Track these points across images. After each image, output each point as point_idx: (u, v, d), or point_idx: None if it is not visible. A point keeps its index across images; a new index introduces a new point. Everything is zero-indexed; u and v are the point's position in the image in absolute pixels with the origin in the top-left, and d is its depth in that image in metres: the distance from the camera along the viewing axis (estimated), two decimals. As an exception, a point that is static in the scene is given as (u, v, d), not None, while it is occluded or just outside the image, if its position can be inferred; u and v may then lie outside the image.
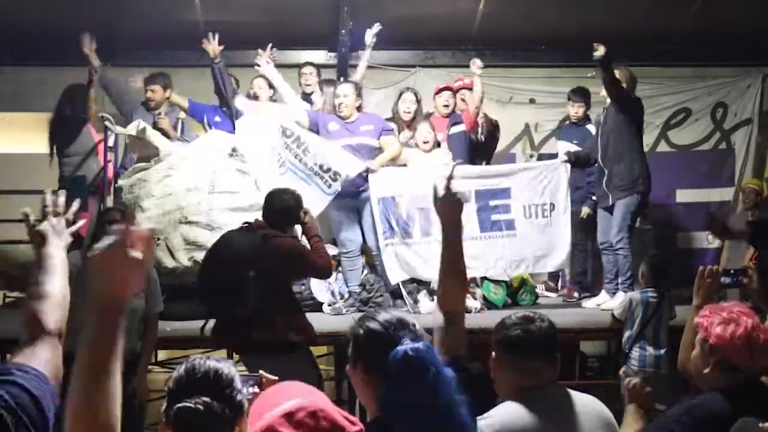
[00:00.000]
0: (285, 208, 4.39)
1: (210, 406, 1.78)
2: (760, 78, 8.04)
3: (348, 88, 6.02)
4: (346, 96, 5.93)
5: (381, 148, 5.98)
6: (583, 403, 2.47)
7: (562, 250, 6.14)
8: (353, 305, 5.84)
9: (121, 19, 7.05)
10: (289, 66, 7.00)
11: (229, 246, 4.36)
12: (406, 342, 1.93)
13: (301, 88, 6.74)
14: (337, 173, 5.77)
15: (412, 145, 6.23)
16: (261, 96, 6.39)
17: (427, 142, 6.12)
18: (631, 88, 6.14)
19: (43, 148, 6.50)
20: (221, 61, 6.30)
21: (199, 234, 5.49)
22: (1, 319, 5.09)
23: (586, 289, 6.74)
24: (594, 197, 6.42)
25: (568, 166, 6.23)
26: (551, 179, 6.12)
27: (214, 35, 6.25)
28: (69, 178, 6.24)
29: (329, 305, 5.85)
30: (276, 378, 2.14)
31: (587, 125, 6.78)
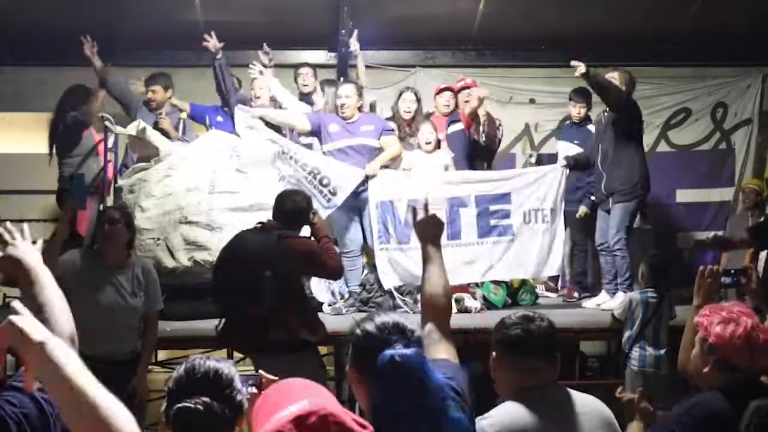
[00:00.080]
0: (296, 209, 4.41)
1: (210, 406, 1.78)
2: (760, 78, 8.04)
3: (350, 88, 6.02)
4: (348, 97, 5.93)
5: (381, 148, 5.98)
6: (583, 403, 2.47)
7: (557, 255, 6.14)
8: (353, 305, 5.84)
9: (121, 19, 7.05)
10: (289, 66, 7.00)
11: (242, 246, 4.37)
12: (398, 347, 1.91)
13: (297, 88, 6.74)
14: (336, 188, 5.78)
15: (414, 145, 6.24)
16: (262, 96, 6.38)
17: (429, 142, 6.13)
18: (629, 91, 6.10)
19: (43, 148, 6.50)
20: (222, 58, 6.29)
21: (199, 234, 5.49)
22: (1, 320, 5.07)
23: (586, 289, 6.74)
24: (593, 197, 6.42)
25: (567, 171, 6.22)
26: (551, 184, 6.10)
27: (212, 35, 6.24)
28: (68, 177, 6.24)
29: (329, 305, 5.84)
30: (276, 378, 2.14)
31: (588, 125, 6.76)
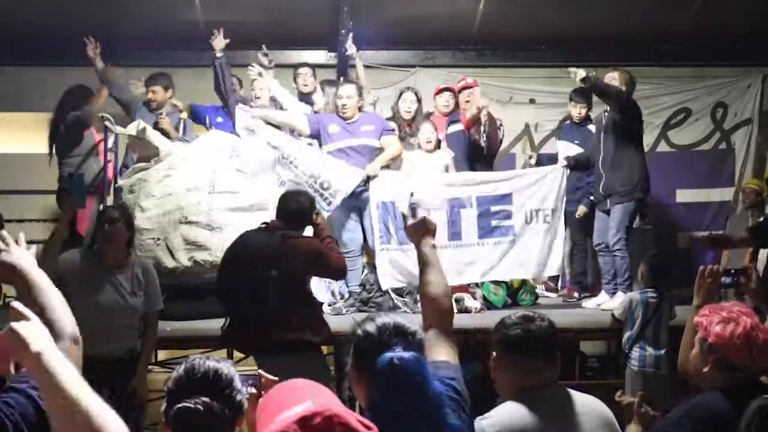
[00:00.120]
0: (300, 209, 4.42)
1: (210, 406, 1.78)
2: (760, 78, 8.04)
3: (351, 89, 6.02)
4: (349, 97, 5.94)
5: (382, 148, 5.98)
6: (583, 403, 2.47)
7: (557, 256, 6.15)
8: (353, 305, 5.84)
9: (121, 19, 7.05)
10: (289, 66, 7.00)
11: (247, 246, 4.36)
12: (397, 349, 1.90)
13: (296, 88, 6.73)
14: (337, 191, 5.77)
15: (414, 145, 6.24)
16: (262, 97, 6.39)
17: (430, 141, 6.13)
18: (629, 91, 6.10)
19: (43, 148, 6.49)
20: (223, 57, 6.29)
21: (199, 234, 5.48)
22: (1, 320, 5.07)
23: (586, 289, 6.74)
24: (592, 197, 6.41)
25: (568, 171, 6.22)
26: (552, 184, 6.10)
27: (219, 31, 6.28)
28: (67, 176, 6.23)
29: (329, 305, 5.84)
30: (275, 378, 2.13)
31: (588, 125, 6.76)
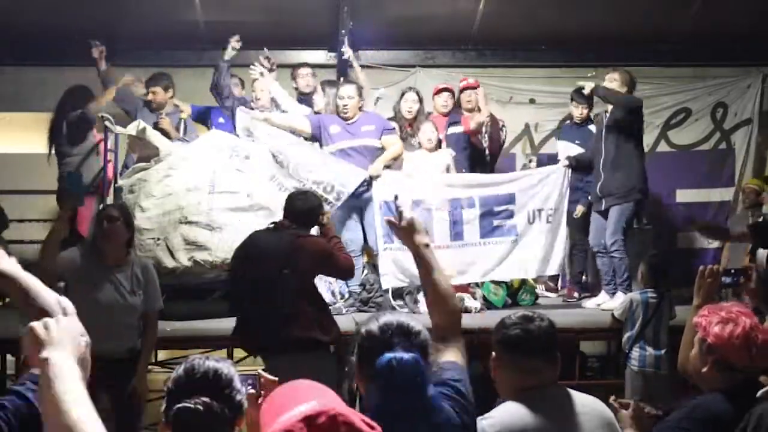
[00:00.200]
0: (307, 209, 4.45)
1: (209, 406, 1.78)
2: (760, 78, 8.04)
3: (351, 89, 6.02)
4: (350, 98, 5.94)
5: (383, 148, 5.98)
6: (583, 403, 2.47)
7: (558, 255, 6.15)
8: (353, 305, 5.83)
9: (121, 19, 7.06)
10: (289, 66, 7.00)
11: (256, 246, 4.38)
12: (398, 350, 1.89)
13: (296, 89, 6.73)
14: (340, 192, 5.76)
15: (415, 145, 6.24)
16: (262, 98, 6.39)
17: (431, 141, 6.14)
18: (630, 91, 6.12)
19: (43, 148, 6.49)
20: (230, 61, 6.34)
21: (199, 234, 5.48)
22: (1, 319, 5.07)
23: (586, 289, 6.74)
24: (590, 197, 6.41)
25: (570, 171, 6.22)
26: (555, 184, 6.10)
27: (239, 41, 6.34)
28: (66, 175, 6.23)
29: (330, 305, 5.84)
30: (275, 378, 2.13)
31: (588, 125, 6.76)
